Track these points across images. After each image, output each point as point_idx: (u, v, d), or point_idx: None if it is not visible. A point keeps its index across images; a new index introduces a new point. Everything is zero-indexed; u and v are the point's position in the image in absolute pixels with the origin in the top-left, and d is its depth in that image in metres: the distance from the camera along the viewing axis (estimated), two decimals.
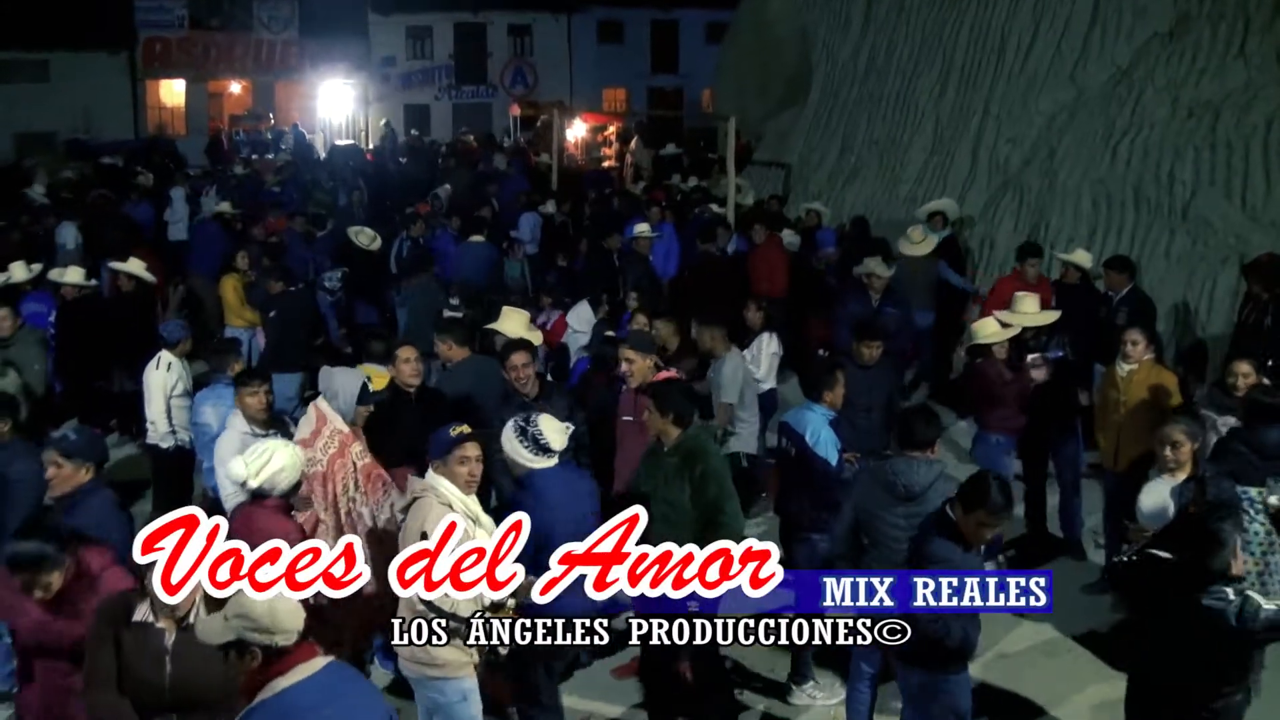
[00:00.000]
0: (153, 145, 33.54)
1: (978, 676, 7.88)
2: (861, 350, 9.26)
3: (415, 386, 8.36)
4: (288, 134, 38.26)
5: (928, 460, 6.67)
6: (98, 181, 22.57)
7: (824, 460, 7.56)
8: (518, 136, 39.91)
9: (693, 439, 6.96)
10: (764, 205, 18.08)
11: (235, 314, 13.66)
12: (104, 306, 12.31)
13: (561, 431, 6.41)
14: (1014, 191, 15.36)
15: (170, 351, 9.70)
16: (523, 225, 17.89)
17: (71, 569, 5.34)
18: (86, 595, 5.32)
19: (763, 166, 22.67)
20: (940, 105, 17.60)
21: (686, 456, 6.87)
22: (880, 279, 11.79)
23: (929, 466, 6.62)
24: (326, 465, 7.12)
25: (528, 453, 6.30)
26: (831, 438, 7.64)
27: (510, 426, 6.40)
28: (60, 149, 32.37)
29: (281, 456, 6.35)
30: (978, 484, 5.82)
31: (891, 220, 16.43)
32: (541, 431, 6.30)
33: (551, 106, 31.26)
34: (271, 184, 23.30)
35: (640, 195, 20.97)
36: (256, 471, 6.31)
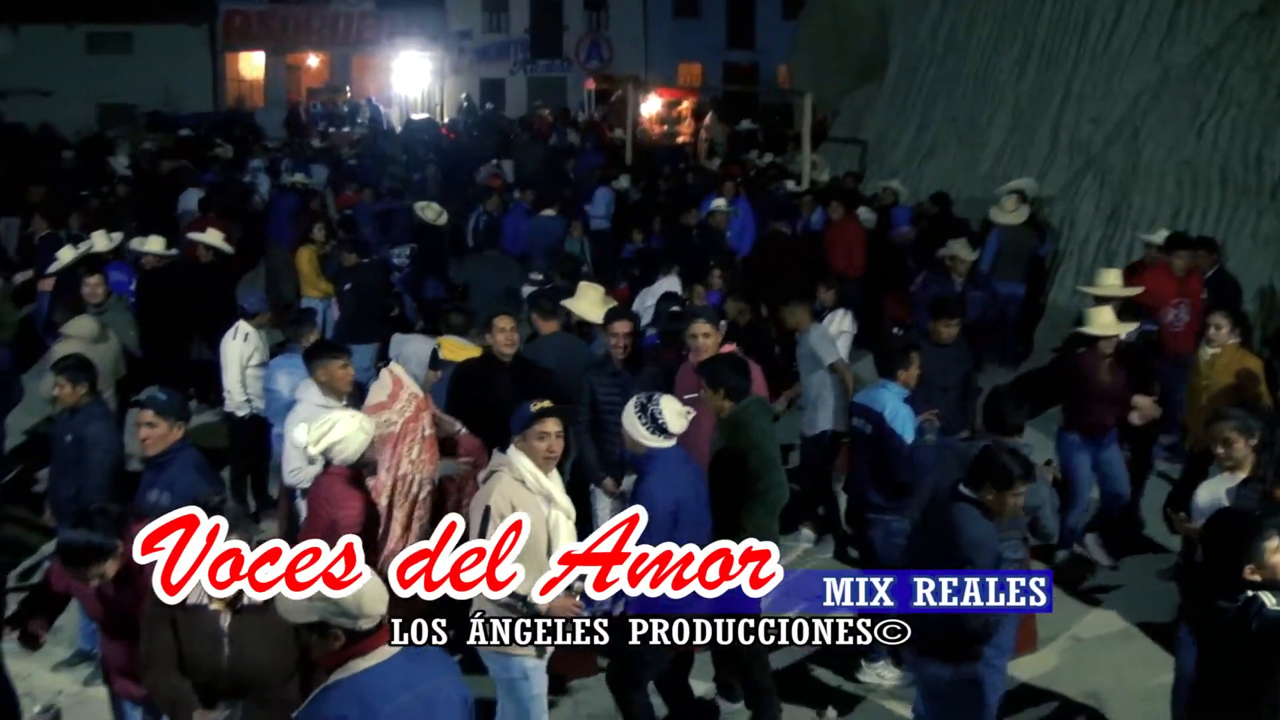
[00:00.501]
0: (232, 118, 33.95)
1: (1051, 659, 7.86)
2: (939, 329, 9.09)
3: (510, 356, 8.38)
4: (364, 107, 38.53)
5: (1016, 444, 6.58)
6: (177, 153, 22.86)
7: (900, 438, 7.49)
8: (592, 111, 39.88)
9: (741, 410, 6.94)
10: (840, 182, 17.93)
11: (311, 285, 13.79)
12: (183, 276, 12.46)
13: (681, 415, 6.35)
14: (1095, 172, 15.10)
15: (248, 323, 9.80)
16: (597, 200, 17.90)
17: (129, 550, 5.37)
18: (148, 570, 5.35)
19: (839, 143, 22.50)
20: (1020, 84, 17.33)
21: (734, 429, 6.90)
22: (964, 262, 11.61)
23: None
24: (401, 427, 7.14)
25: (645, 431, 6.25)
26: (909, 415, 7.57)
27: (632, 403, 6.37)
28: (142, 121, 32.82)
29: (344, 427, 6.39)
30: (995, 463, 5.75)
31: (969, 199, 16.24)
32: (661, 411, 6.25)
33: (626, 81, 31.13)
34: (348, 157, 23.48)
35: (715, 171, 20.88)
36: (318, 439, 6.36)
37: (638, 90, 28.92)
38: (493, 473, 6.05)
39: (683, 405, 6.47)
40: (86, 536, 5.15)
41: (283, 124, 35.33)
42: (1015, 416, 6.71)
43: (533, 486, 5.94)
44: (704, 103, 33.94)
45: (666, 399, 6.39)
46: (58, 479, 7.66)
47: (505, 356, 8.32)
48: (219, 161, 22.17)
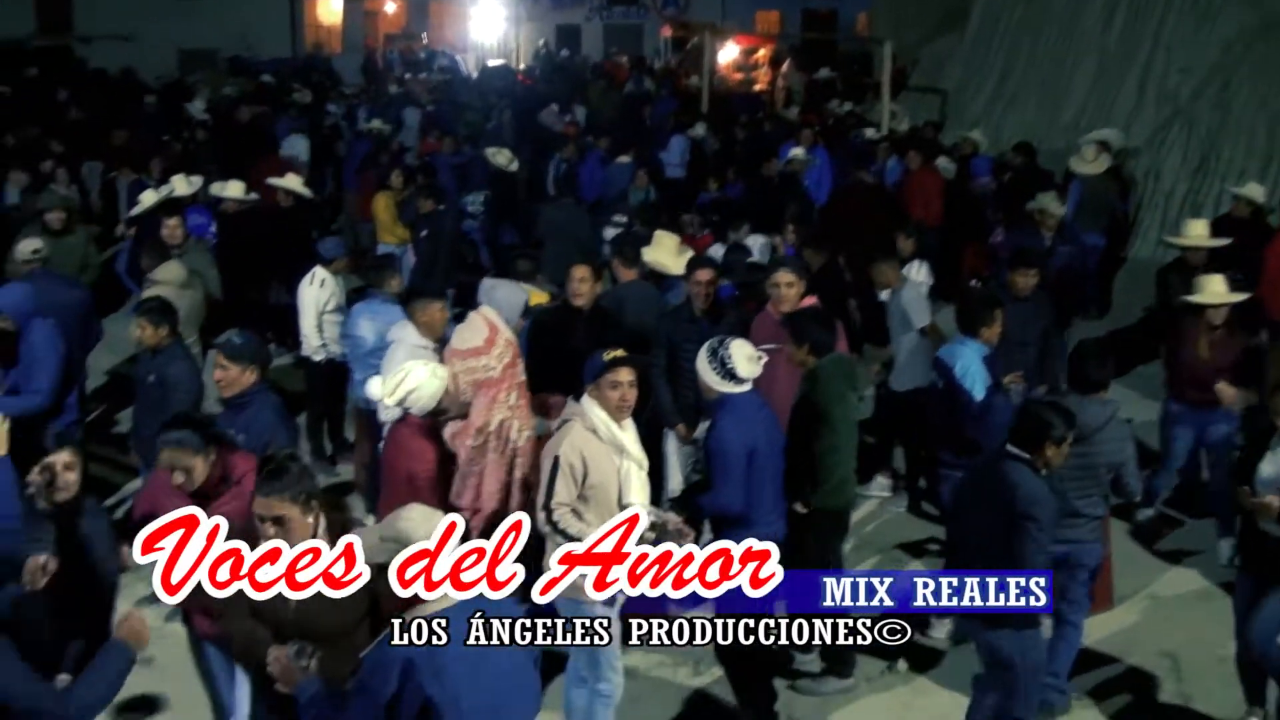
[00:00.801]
0: (310, 63, 34.09)
1: (1128, 618, 7.78)
2: (1017, 280, 8.84)
3: (586, 304, 8.36)
4: (440, 53, 38.52)
5: (1101, 401, 6.48)
6: (257, 99, 23.01)
7: (969, 394, 7.38)
8: (668, 58, 39.60)
9: (818, 368, 6.88)
10: (919, 132, 17.66)
11: (388, 231, 13.83)
12: (263, 221, 12.58)
13: (752, 360, 6.35)
14: (1183, 122, 14.75)
15: (325, 268, 9.87)
16: (672, 148, 17.78)
17: (217, 469, 5.50)
18: (229, 499, 5.47)
19: (918, 92, 22.18)
20: (1107, 32, 16.96)
21: (810, 384, 6.88)
22: (1053, 216, 11.26)
23: (1102, 407, 6.43)
24: (501, 373, 7.06)
25: (715, 375, 6.28)
26: (981, 373, 7.45)
27: (704, 349, 6.38)
28: (222, 66, 33.05)
29: (417, 376, 6.43)
30: (1035, 418, 5.72)
31: (1051, 150, 15.95)
32: (731, 356, 6.27)
33: (703, 28, 30.84)
34: (426, 104, 23.51)
35: (792, 120, 20.67)
36: (392, 390, 6.41)
37: (715, 37, 28.64)
38: (564, 422, 6.04)
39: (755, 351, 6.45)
40: (181, 431, 5.44)
41: (360, 69, 35.44)
42: (1099, 373, 6.58)
43: (604, 436, 5.94)
44: (781, 50, 33.53)
45: (737, 344, 6.38)
46: (141, 418, 7.83)
47: (581, 305, 8.31)
48: (297, 107, 22.30)
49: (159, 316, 7.71)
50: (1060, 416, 5.74)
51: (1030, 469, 5.68)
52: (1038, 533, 5.55)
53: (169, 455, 5.43)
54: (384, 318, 8.57)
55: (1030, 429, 5.72)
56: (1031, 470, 5.68)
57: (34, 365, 8.06)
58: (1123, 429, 6.51)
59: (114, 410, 11.01)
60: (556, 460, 5.89)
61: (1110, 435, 6.37)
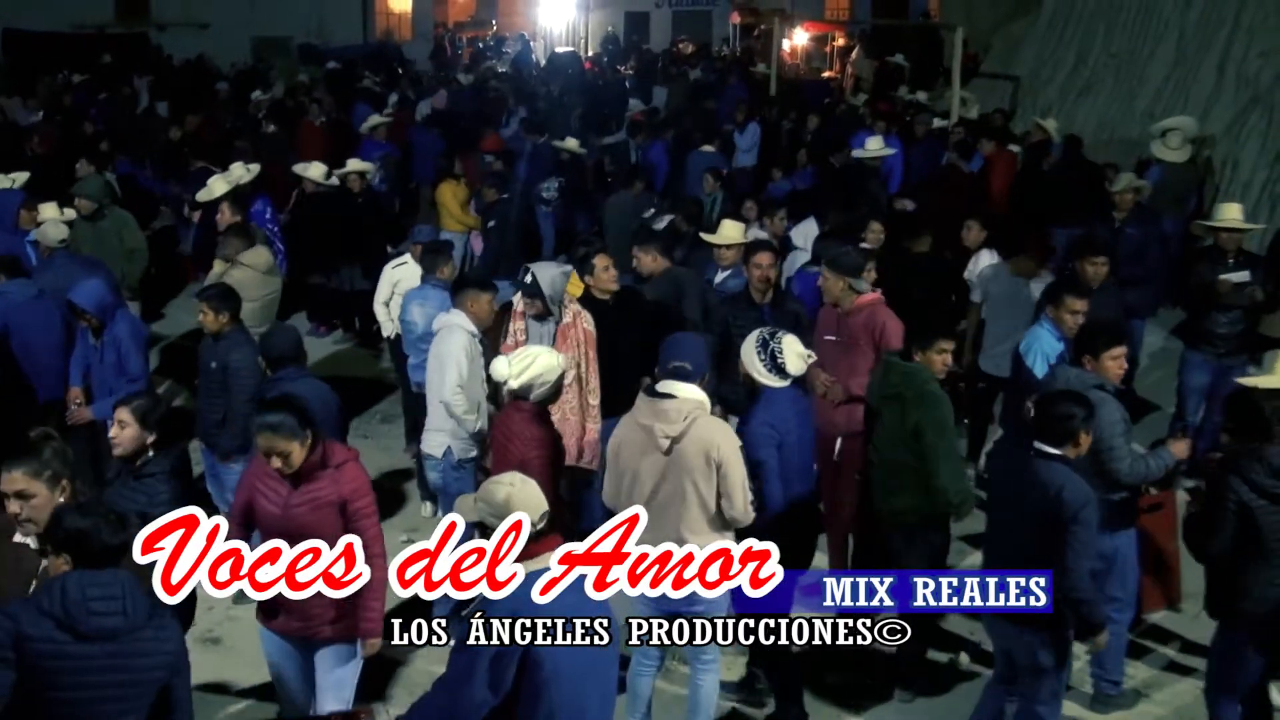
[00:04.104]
0: (380, 50, 34.29)
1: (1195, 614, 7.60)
2: (1085, 268, 8.60)
3: (610, 295, 8.34)
4: (510, 40, 38.60)
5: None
6: (326, 86, 23.16)
7: (1030, 373, 7.34)
8: (736, 45, 39.41)
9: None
10: (989, 119, 17.44)
11: (452, 218, 13.84)
12: (335, 204, 12.67)
13: (801, 357, 6.26)
14: (1263, 109, 14.41)
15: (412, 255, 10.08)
16: (747, 135, 17.73)
17: (316, 454, 5.48)
18: (325, 485, 5.48)
19: (989, 79, 21.90)
20: (1186, 15, 16.60)
21: None
22: (1133, 195, 11.01)
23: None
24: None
25: (762, 368, 6.19)
26: (1043, 353, 7.38)
27: (753, 337, 6.29)
28: (294, 53, 33.33)
29: (544, 362, 6.45)
30: (1064, 413, 5.61)
31: (1125, 138, 15.69)
32: (782, 350, 6.17)
33: (772, 15, 30.67)
34: (495, 91, 23.55)
35: (861, 108, 20.49)
36: (519, 373, 6.41)
37: (783, 24, 28.46)
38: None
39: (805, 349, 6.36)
40: (279, 414, 5.41)
41: (429, 56, 35.57)
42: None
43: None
44: (852, 36, 33.25)
45: (790, 338, 6.27)
46: (205, 403, 7.93)
47: (604, 295, 8.31)
48: (367, 94, 22.41)
49: (221, 303, 7.80)
50: (1076, 403, 5.63)
51: (1068, 465, 5.56)
52: (1086, 535, 5.44)
53: (266, 440, 5.40)
54: (433, 303, 8.68)
55: (1056, 424, 5.59)
56: (1068, 467, 5.56)
57: (126, 356, 8.14)
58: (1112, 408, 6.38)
59: (173, 393, 11.12)
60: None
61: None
